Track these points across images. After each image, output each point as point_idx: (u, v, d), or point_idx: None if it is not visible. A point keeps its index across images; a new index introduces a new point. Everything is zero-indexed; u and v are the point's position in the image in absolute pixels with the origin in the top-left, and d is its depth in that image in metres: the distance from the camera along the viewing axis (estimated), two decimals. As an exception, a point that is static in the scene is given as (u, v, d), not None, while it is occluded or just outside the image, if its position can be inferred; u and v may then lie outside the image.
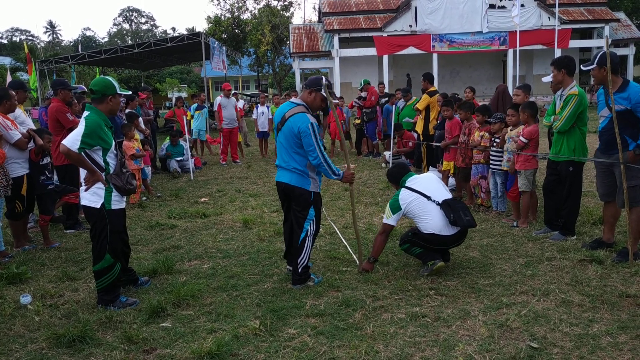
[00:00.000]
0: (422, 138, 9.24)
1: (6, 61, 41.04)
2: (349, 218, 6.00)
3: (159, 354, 3.25)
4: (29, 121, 6.05)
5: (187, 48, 23.44)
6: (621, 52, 27.51)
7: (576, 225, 5.46)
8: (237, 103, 12.72)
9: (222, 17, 34.77)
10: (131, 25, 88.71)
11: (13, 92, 5.56)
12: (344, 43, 28.13)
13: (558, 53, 23.12)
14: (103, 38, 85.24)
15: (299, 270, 4.22)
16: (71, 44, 75.68)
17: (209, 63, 22.59)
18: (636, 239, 4.55)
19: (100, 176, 3.87)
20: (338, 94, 17.63)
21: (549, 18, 26.63)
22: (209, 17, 34.85)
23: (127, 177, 4.03)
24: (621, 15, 29.40)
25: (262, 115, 12.55)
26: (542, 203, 5.83)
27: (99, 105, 3.97)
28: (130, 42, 49.22)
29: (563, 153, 5.17)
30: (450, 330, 3.42)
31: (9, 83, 6.52)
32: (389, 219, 4.54)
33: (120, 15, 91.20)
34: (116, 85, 4.02)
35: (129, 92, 4.98)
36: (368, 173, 9.93)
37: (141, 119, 9.09)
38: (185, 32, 43.04)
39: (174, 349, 3.29)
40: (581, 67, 4.87)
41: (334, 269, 4.68)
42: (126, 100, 8.69)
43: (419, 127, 9.41)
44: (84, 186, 3.89)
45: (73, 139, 3.75)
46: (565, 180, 5.23)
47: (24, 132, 5.49)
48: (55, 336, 3.43)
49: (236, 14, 35.35)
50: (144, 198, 8.11)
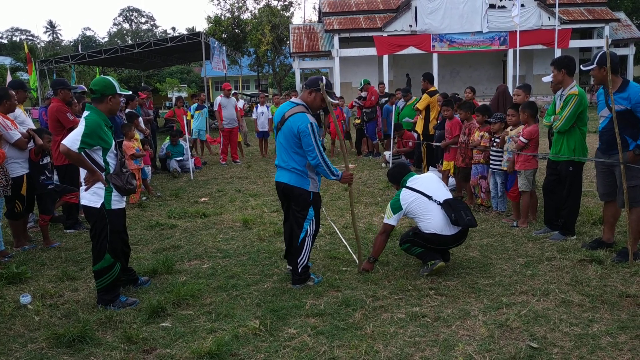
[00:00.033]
0: (422, 138, 9.25)
1: (6, 61, 41.04)
2: (349, 218, 6.00)
3: (159, 354, 3.25)
4: (29, 121, 6.04)
5: (187, 48, 23.44)
6: (621, 52, 27.51)
7: (576, 225, 5.46)
8: (237, 103, 12.72)
9: (222, 17, 34.78)
10: (131, 25, 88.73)
11: (13, 92, 5.56)
12: (344, 43, 28.13)
13: (558, 53, 23.12)
14: (103, 38, 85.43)
15: (299, 270, 4.22)
16: (71, 44, 75.71)
17: (209, 63, 22.59)
18: (636, 239, 4.55)
19: (100, 176, 3.87)
20: (338, 94, 17.62)
21: (549, 18, 26.62)
22: (209, 17, 34.88)
23: (127, 177, 4.03)
24: (621, 15, 29.39)
25: (262, 115, 12.55)
26: (542, 203, 5.83)
27: (99, 105, 3.97)
28: (130, 42, 49.18)
29: (563, 153, 5.17)
30: (450, 330, 3.43)
31: (9, 83, 6.52)
32: (390, 219, 4.54)
33: (120, 15, 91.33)
34: (116, 85, 4.02)
35: (129, 92, 4.97)
36: (368, 173, 9.93)
37: (141, 119, 9.09)
38: (185, 32, 43.06)
39: (174, 349, 3.29)
40: (581, 67, 4.87)
41: (334, 269, 4.68)
42: (126, 100, 8.69)
43: (419, 127, 9.41)
44: (84, 186, 3.89)
45: (73, 139, 3.75)
46: (565, 180, 5.23)
47: (24, 132, 5.49)
48: (55, 336, 3.43)
49: (236, 14, 35.36)
50: (144, 198, 8.11)
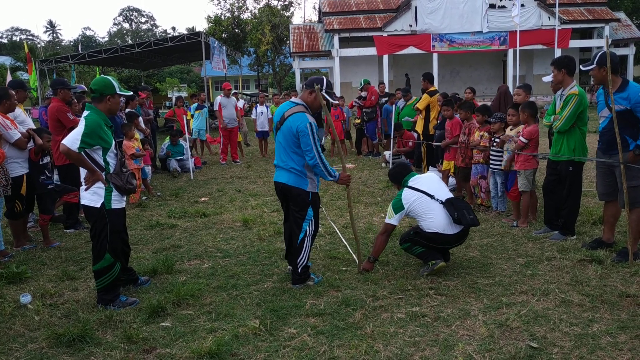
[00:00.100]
0: (422, 138, 9.25)
1: (6, 60, 41.04)
2: (349, 217, 6.00)
3: (159, 354, 3.25)
4: (29, 121, 6.04)
5: (187, 48, 23.43)
6: (621, 52, 27.51)
7: (576, 225, 5.46)
8: (237, 103, 12.73)
9: (222, 17, 34.79)
10: (131, 24, 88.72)
11: (13, 92, 5.56)
12: (344, 43, 28.12)
13: (558, 53, 23.12)
14: (103, 38, 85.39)
15: (299, 270, 4.22)
16: (71, 44, 75.68)
17: (209, 63, 22.60)
18: (636, 239, 4.55)
19: (100, 176, 3.87)
20: (338, 94, 17.62)
21: (549, 18, 26.62)
22: (209, 17, 34.88)
23: (127, 177, 4.03)
24: (621, 15, 29.39)
25: (262, 115, 12.55)
26: (542, 203, 5.83)
27: (99, 104, 3.97)
28: (130, 42, 49.18)
29: (563, 153, 5.17)
30: (450, 329, 3.43)
31: (9, 82, 6.51)
32: (391, 219, 4.53)
33: (120, 14, 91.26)
34: (116, 85, 4.01)
35: (130, 93, 4.96)
36: (368, 173, 9.93)
37: (141, 119, 9.09)
38: (185, 32, 43.10)
39: (174, 349, 3.29)
40: (580, 68, 4.87)
41: (334, 269, 4.68)
42: (126, 99, 8.69)
43: (419, 127, 9.41)
44: (84, 186, 3.89)
45: (73, 139, 3.75)
46: (565, 180, 5.23)
47: (24, 132, 5.49)
48: (55, 335, 3.43)
49: (236, 14, 35.37)
50: (144, 197, 8.11)
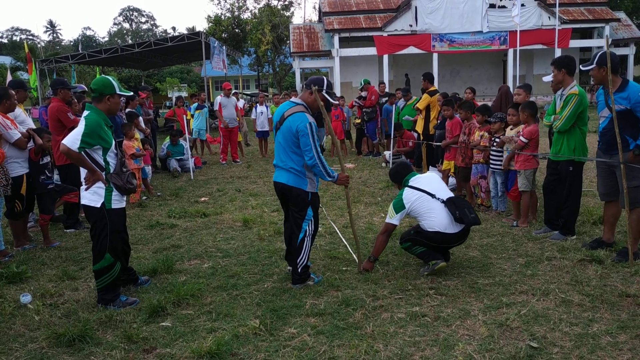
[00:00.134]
0: (422, 138, 9.25)
1: (6, 60, 41.07)
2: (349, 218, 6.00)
3: (159, 353, 3.25)
4: (29, 120, 6.04)
5: (187, 47, 23.44)
6: (621, 52, 27.51)
7: (576, 224, 5.46)
8: (238, 102, 12.73)
9: (223, 17, 34.82)
10: (131, 24, 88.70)
11: (13, 92, 5.56)
12: (344, 43, 28.13)
13: (558, 53, 23.13)
14: (103, 37, 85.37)
15: (299, 270, 4.22)
16: (71, 44, 75.68)
17: (209, 62, 22.60)
18: (636, 239, 4.55)
19: (100, 175, 3.87)
20: (338, 94, 17.61)
21: (549, 18, 26.62)
22: (209, 17, 34.91)
23: (127, 177, 4.03)
24: (621, 15, 29.40)
25: (262, 115, 12.56)
26: (542, 203, 5.83)
27: (98, 104, 3.97)
28: (130, 42, 49.09)
29: (563, 153, 5.17)
30: (450, 329, 3.43)
31: (9, 82, 6.51)
32: (392, 219, 4.53)
33: (120, 14, 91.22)
34: (115, 85, 4.01)
35: (130, 93, 4.94)
36: (368, 173, 9.92)
37: (141, 119, 9.09)
38: (185, 32, 43.12)
39: (174, 349, 3.29)
40: (580, 68, 4.87)
41: (334, 269, 4.68)
42: (126, 99, 8.69)
43: (419, 127, 9.42)
44: (85, 185, 3.90)
45: (73, 139, 3.76)
46: (565, 179, 5.23)
47: (24, 132, 5.49)
48: (55, 335, 3.43)
49: (236, 14, 35.40)
50: (144, 197, 8.12)
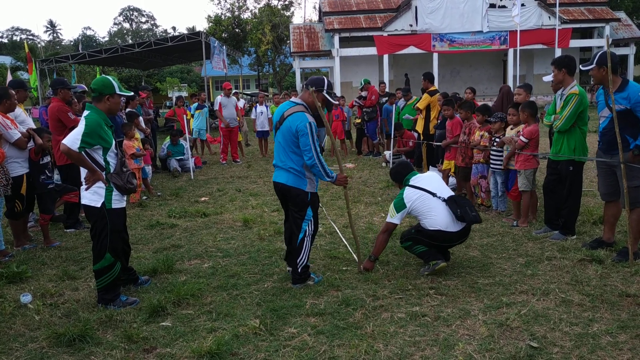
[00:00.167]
0: (423, 137, 9.25)
1: (7, 60, 41.08)
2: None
3: (159, 353, 3.25)
4: (29, 120, 6.04)
5: (188, 47, 23.44)
6: (622, 52, 27.51)
7: (576, 224, 5.46)
8: (238, 102, 12.73)
9: (223, 17, 34.82)
10: (131, 24, 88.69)
11: (13, 92, 5.56)
12: (345, 42, 28.12)
13: (558, 53, 23.13)
14: (103, 37, 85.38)
15: (299, 270, 4.22)
16: (71, 43, 75.68)
17: (210, 62, 22.60)
18: (636, 239, 4.55)
19: (100, 175, 3.87)
20: (338, 94, 17.62)
21: (550, 17, 26.62)
22: (210, 17, 34.91)
23: (128, 176, 4.03)
24: (622, 14, 29.39)
25: (262, 114, 12.57)
26: (542, 202, 5.83)
27: (98, 104, 3.97)
28: (130, 42, 49.09)
29: (563, 152, 5.17)
30: (450, 329, 3.43)
31: (9, 82, 6.52)
32: (393, 218, 4.52)
33: (120, 14, 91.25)
34: (115, 85, 4.01)
35: (130, 93, 4.92)
36: (368, 172, 9.92)
37: (141, 118, 9.09)
38: (185, 32, 43.16)
39: (174, 348, 3.29)
40: (580, 68, 4.87)
41: (334, 268, 4.68)
42: (126, 99, 8.69)
43: (420, 127, 9.42)
44: (85, 185, 3.90)
45: (73, 138, 3.76)
46: (565, 179, 5.23)
47: (24, 132, 5.49)
48: (55, 335, 3.43)
49: (236, 14, 35.40)
50: (145, 197, 8.12)
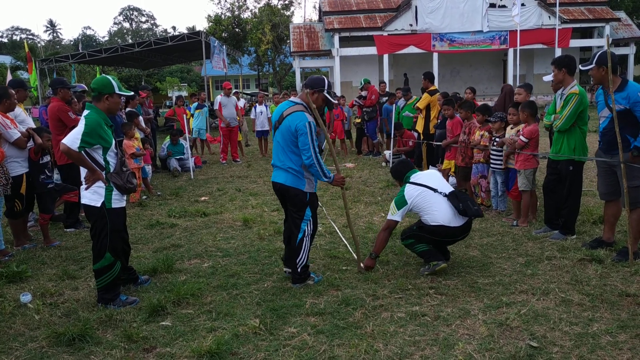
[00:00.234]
0: (423, 137, 9.25)
1: (6, 60, 41.01)
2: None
3: (159, 353, 3.25)
4: (29, 120, 6.04)
5: (188, 47, 23.42)
6: (622, 52, 27.50)
7: (576, 224, 5.46)
8: (238, 102, 12.73)
9: (223, 16, 34.77)
10: (131, 24, 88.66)
11: (13, 91, 5.56)
12: (345, 42, 28.10)
13: (558, 52, 23.13)
14: (103, 37, 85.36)
15: (298, 269, 4.22)
16: (71, 43, 75.66)
17: (210, 62, 22.59)
18: (636, 239, 4.55)
19: (100, 175, 3.87)
20: (338, 93, 17.62)
21: (550, 17, 26.60)
22: (210, 16, 34.88)
23: (128, 176, 4.03)
24: (622, 14, 29.37)
25: (261, 114, 12.58)
26: (542, 202, 5.83)
27: (98, 103, 3.97)
28: (130, 41, 49.08)
29: (563, 152, 5.17)
30: (450, 329, 3.43)
31: (9, 82, 6.52)
32: (394, 215, 4.51)
33: (120, 14, 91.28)
34: (115, 84, 4.00)
35: (130, 93, 4.91)
36: (368, 172, 9.92)
37: (141, 118, 9.08)
38: (185, 31, 43.12)
39: (174, 348, 3.30)
40: (580, 67, 4.87)
41: (334, 268, 4.68)
42: (126, 99, 8.68)
43: (420, 126, 9.41)
44: (85, 185, 3.90)
45: (73, 138, 3.76)
46: (565, 179, 5.23)
47: (24, 131, 5.49)
48: (55, 335, 3.43)
49: (236, 13, 35.36)
50: (144, 197, 8.12)
